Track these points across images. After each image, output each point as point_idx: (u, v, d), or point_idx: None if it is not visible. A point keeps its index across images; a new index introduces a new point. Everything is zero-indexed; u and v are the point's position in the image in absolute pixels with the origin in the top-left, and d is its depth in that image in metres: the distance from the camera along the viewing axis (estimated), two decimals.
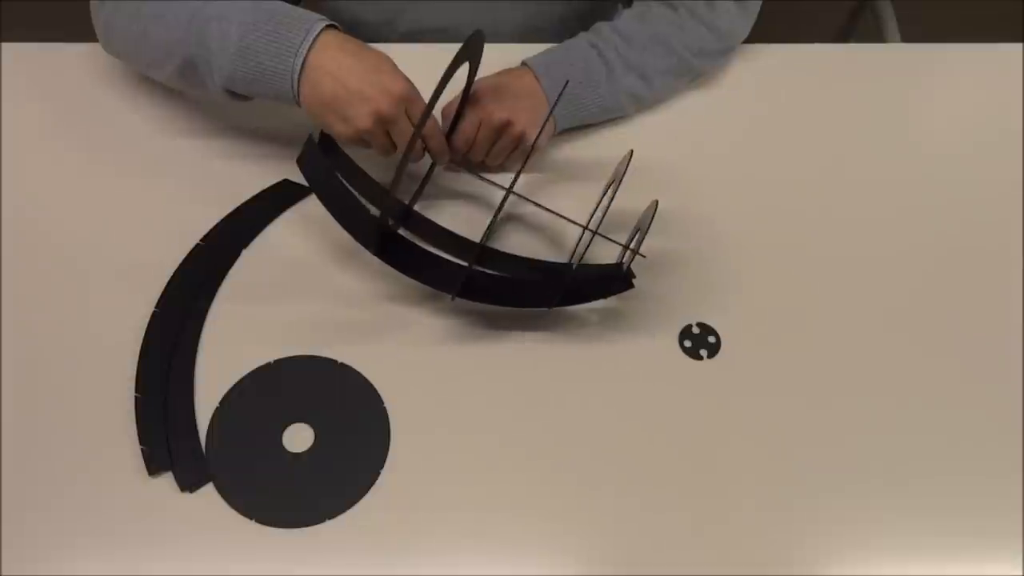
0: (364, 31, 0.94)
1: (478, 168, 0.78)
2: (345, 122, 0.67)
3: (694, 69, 0.85)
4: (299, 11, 0.69)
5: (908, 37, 1.11)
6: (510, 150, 0.78)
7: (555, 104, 0.71)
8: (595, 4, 0.98)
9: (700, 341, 0.72)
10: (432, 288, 0.70)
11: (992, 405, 0.70)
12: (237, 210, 0.77)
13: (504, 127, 0.76)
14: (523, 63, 0.81)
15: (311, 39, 0.67)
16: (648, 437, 0.67)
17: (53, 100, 0.84)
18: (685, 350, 0.72)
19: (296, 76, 0.67)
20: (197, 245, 0.74)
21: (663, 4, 0.83)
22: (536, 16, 0.94)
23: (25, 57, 0.86)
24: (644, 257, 0.68)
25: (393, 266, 0.68)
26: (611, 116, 0.84)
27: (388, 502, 0.64)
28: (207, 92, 0.72)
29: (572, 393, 0.69)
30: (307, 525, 0.62)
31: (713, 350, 0.72)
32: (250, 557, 0.61)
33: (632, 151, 0.71)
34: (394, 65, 0.69)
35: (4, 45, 0.87)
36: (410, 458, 0.65)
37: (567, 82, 0.73)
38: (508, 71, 0.80)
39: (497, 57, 0.78)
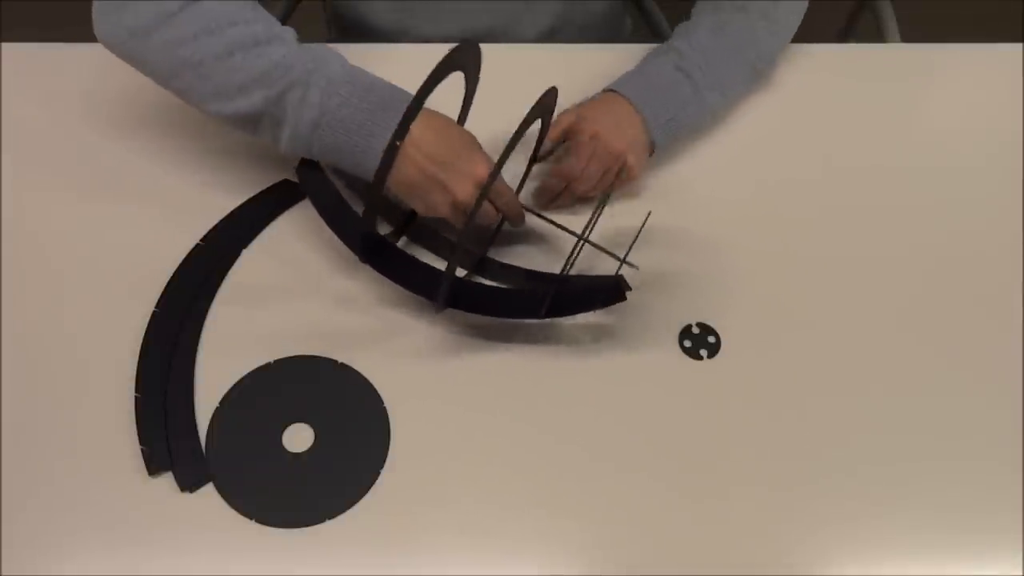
0: (376, 39, 0.94)
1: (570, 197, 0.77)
2: (425, 206, 0.68)
3: (762, 75, 0.86)
4: (388, 86, 0.67)
5: (908, 37, 1.11)
6: (614, 179, 0.76)
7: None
8: (614, 5, 0.98)
9: (700, 341, 0.72)
10: (420, 296, 0.70)
11: (992, 405, 0.70)
12: (237, 210, 0.77)
13: (618, 155, 0.74)
14: (612, 90, 0.78)
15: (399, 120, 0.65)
16: (648, 437, 0.67)
17: (53, 100, 0.84)
18: (685, 350, 0.72)
19: (379, 157, 0.65)
20: (197, 245, 0.74)
21: (735, 10, 0.81)
22: (554, 23, 0.94)
23: (25, 57, 0.86)
24: (637, 268, 0.68)
25: (380, 271, 0.69)
26: (695, 133, 0.83)
27: (388, 502, 0.64)
28: (254, 137, 0.70)
29: (572, 393, 0.69)
30: (307, 525, 0.62)
31: (713, 350, 0.72)
32: (250, 557, 0.61)
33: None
34: (476, 145, 0.69)
35: (4, 45, 0.87)
36: (410, 458, 0.65)
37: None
38: (604, 99, 0.78)
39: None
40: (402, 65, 0.69)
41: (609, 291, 0.67)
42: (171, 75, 0.68)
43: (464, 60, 0.67)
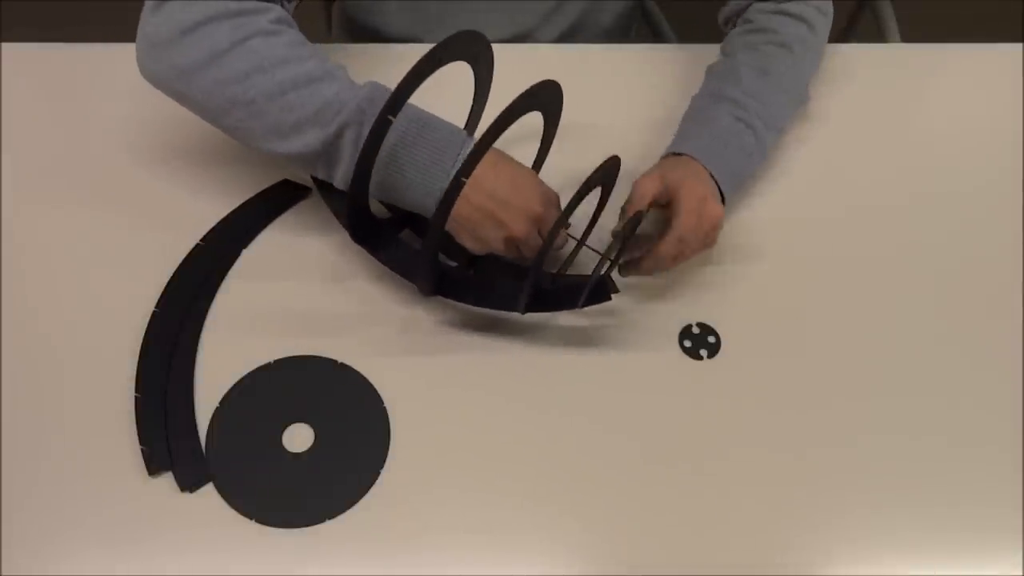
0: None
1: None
2: (476, 241, 0.67)
3: (807, 99, 0.85)
4: (444, 124, 0.66)
5: (908, 37, 1.11)
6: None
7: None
8: (625, 6, 0.98)
9: (700, 341, 0.72)
10: (405, 279, 0.71)
11: (992, 405, 0.70)
12: (237, 210, 0.77)
13: (718, 221, 0.71)
14: (678, 152, 0.75)
15: (462, 160, 0.63)
16: (648, 437, 0.67)
17: (53, 100, 0.84)
18: (685, 350, 0.72)
19: (439, 195, 0.63)
20: (197, 245, 0.74)
21: (776, 46, 0.79)
22: (570, 28, 0.94)
23: (25, 57, 0.86)
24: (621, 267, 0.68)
25: (364, 247, 0.70)
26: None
27: (388, 502, 0.64)
28: (306, 172, 0.69)
29: (572, 393, 0.69)
30: (307, 525, 0.62)
31: (713, 350, 0.72)
32: (250, 557, 0.61)
33: (618, 157, 0.66)
34: (535, 180, 0.68)
35: (4, 45, 0.87)
36: (410, 458, 0.65)
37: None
38: (677, 161, 0.74)
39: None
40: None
41: (594, 290, 0.67)
42: (221, 113, 0.65)
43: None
